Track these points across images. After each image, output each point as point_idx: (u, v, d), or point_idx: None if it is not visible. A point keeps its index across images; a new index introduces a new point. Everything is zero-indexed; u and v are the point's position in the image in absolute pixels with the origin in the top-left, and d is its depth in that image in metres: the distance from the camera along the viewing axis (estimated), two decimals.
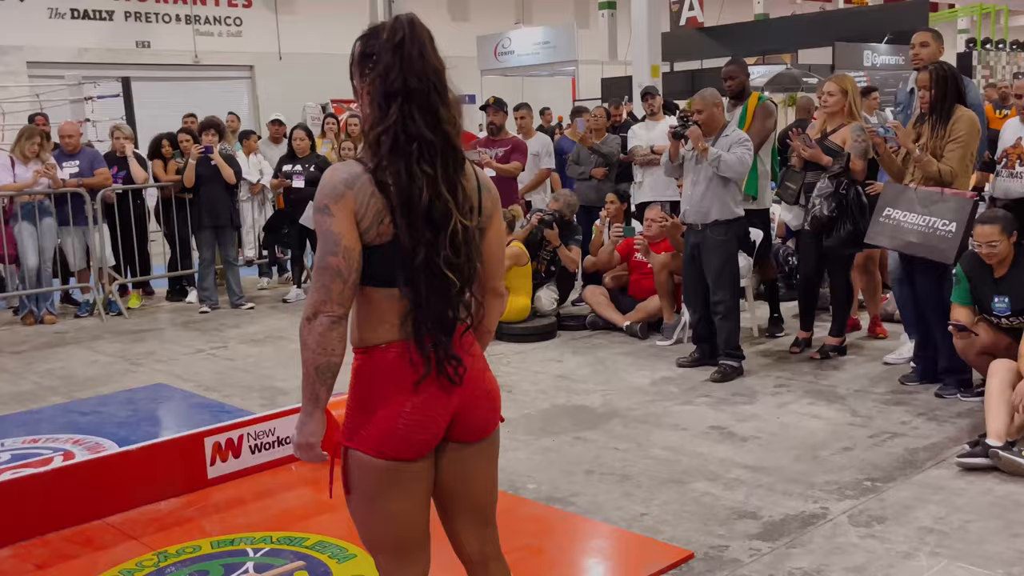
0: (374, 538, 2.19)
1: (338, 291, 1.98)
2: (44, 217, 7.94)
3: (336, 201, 1.97)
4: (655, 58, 13.64)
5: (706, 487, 4.00)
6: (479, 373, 2.17)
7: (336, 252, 1.97)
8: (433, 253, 1.99)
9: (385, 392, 2.06)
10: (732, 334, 5.70)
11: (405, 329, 2.04)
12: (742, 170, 5.53)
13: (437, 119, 2.01)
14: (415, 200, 1.97)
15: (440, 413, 2.09)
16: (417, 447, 2.08)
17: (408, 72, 1.99)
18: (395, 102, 1.98)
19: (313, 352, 2.00)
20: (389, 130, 1.98)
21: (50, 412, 5.45)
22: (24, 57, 18.45)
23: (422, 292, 2.01)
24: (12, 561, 3.51)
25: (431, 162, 1.99)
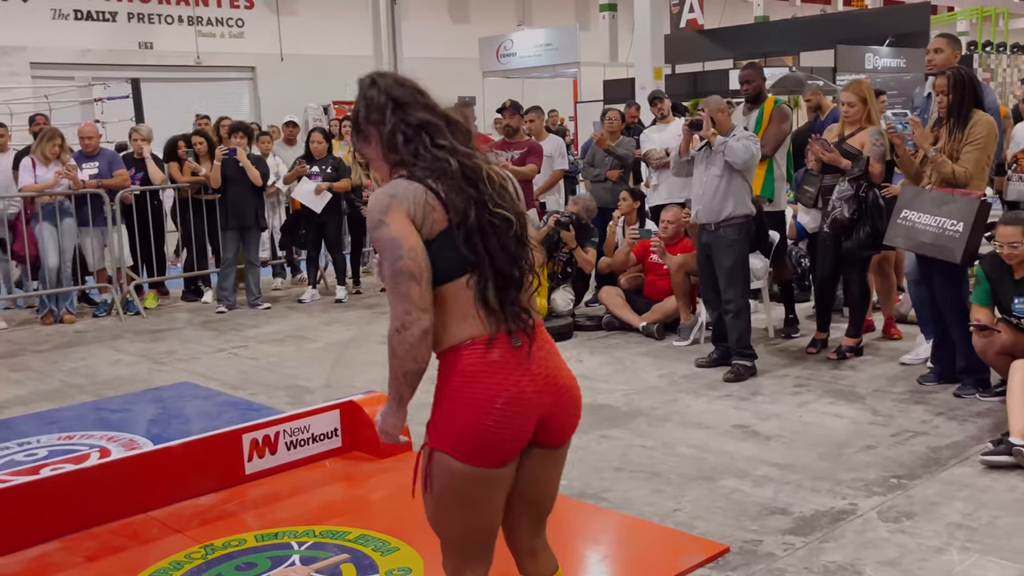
0: (449, 538, 2.25)
1: (417, 293, 2.03)
2: (64, 218, 8.02)
3: (386, 212, 2.06)
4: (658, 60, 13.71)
5: (735, 484, 4.09)
6: (559, 368, 2.20)
7: (402, 255, 2.03)
8: (481, 207, 2.09)
9: (474, 390, 2.08)
10: (743, 333, 5.79)
11: (485, 322, 2.09)
12: (747, 157, 5.60)
13: (430, 108, 2.19)
14: (447, 171, 2.09)
15: (529, 413, 2.12)
16: (504, 453, 2.11)
17: (388, 90, 2.19)
18: (387, 110, 2.17)
19: (402, 360, 2.08)
20: (394, 131, 2.15)
21: (80, 410, 5.53)
22: (27, 58, 18.48)
23: (482, 250, 2.07)
24: (62, 553, 3.59)
25: (443, 136, 2.15)
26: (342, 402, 4.64)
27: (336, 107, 19.62)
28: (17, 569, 3.46)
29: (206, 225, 8.70)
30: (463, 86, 20.51)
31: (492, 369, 2.09)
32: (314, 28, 21.47)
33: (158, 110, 16.64)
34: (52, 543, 3.64)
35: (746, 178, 5.75)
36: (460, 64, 21.34)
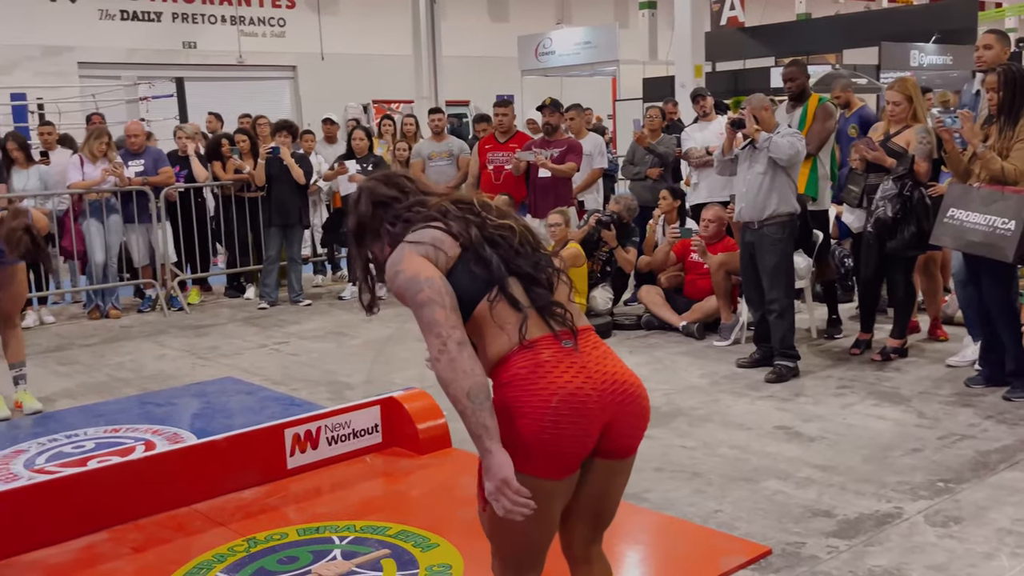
0: (504, 548, 2.22)
1: (443, 316, 2.02)
2: (111, 214, 8.15)
3: (400, 262, 2.13)
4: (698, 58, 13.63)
5: (778, 485, 4.05)
6: (620, 369, 2.13)
7: (422, 287, 2.06)
8: (481, 223, 2.16)
9: (527, 394, 2.02)
10: (787, 334, 5.73)
11: (525, 327, 2.07)
12: (792, 153, 5.54)
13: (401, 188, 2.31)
14: (444, 210, 2.19)
15: (590, 411, 2.03)
16: (565, 459, 2.05)
17: (363, 205, 2.30)
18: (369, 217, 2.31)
19: (456, 382, 1.98)
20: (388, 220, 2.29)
21: (126, 403, 5.62)
22: (75, 58, 18.80)
23: (498, 262, 2.11)
24: (109, 544, 3.65)
25: (425, 205, 2.25)
26: (382, 398, 4.66)
27: (376, 106, 19.75)
28: (66, 559, 3.52)
29: (248, 223, 8.80)
30: (501, 85, 20.55)
31: (544, 369, 2.03)
32: (354, 27, 21.61)
33: (201, 109, 16.86)
34: (99, 534, 3.70)
35: (790, 176, 5.69)
36: (498, 63, 21.36)
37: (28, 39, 18.01)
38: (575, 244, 7.01)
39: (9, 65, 17.77)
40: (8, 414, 5.34)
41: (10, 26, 17.71)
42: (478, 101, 18.29)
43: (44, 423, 5.24)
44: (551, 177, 7.52)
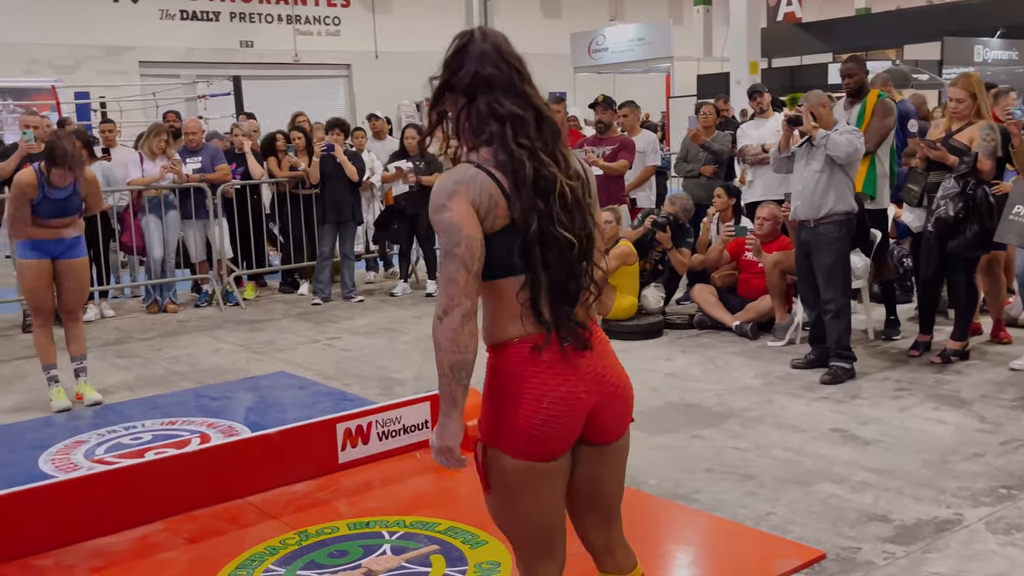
0: (514, 534, 2.24)
1: (464, 280, 2.00)
2: (169, 210, 8.31)
3: (450, 197, 2.02)
4: (754, 54, 13.48)
5: (832, 488, 3.98)
6: (610, 367, 2.17)
7: (459, 242, 2.00)
8: (546, 221, 2.03)
9: (521, 389, 2.07)
10: (843, 335, 5.62)
11: (535, 320, 2.06)
12: (850, 151, 5.43)
13: (525, 97, 2.08)
14: (520, 174, 2.02)
15: (578, 410, 2.10)
16: (554, 447, 2.10)
17: (485, 64, 2.06)
18: (481, 95, 2.06)
19: (447, 351, 2.02)
20: (481, 120, 2.06)
21: (182, 396, 5.72)
22: (136, 57, 19.22)
23: (539, 261, 2.03)
24: (165, 534, 3.72)
25: (527, 135, 2.05)
26: (433, 394, 4.67)
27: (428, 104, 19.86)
28: (123, 548, 3.60)
29: (303, 219, 8.91)
30: (554, 82, 20.51)
31: (540, 369, 2.07)
32: (408, 25, 21.76)
33: (257, 106, 17.11)
34: (155, 524, 3.78)
35: (848, 174, 5.58)
36: (551, 60, 21.30)
37: (91, 39, 18.47)
38: (627, 242, 6.96)
39: (73, 65, 18.25)
40: (69, 405, 5.47)
41: (74, 27, 18.18)
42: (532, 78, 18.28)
43: (104, 415, 5.36)
44: (603, 175, 7.47)
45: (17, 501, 3.54)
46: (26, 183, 5.24)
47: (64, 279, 5.43)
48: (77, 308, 5.63)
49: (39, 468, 4.45)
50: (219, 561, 3.45)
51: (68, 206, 5.41)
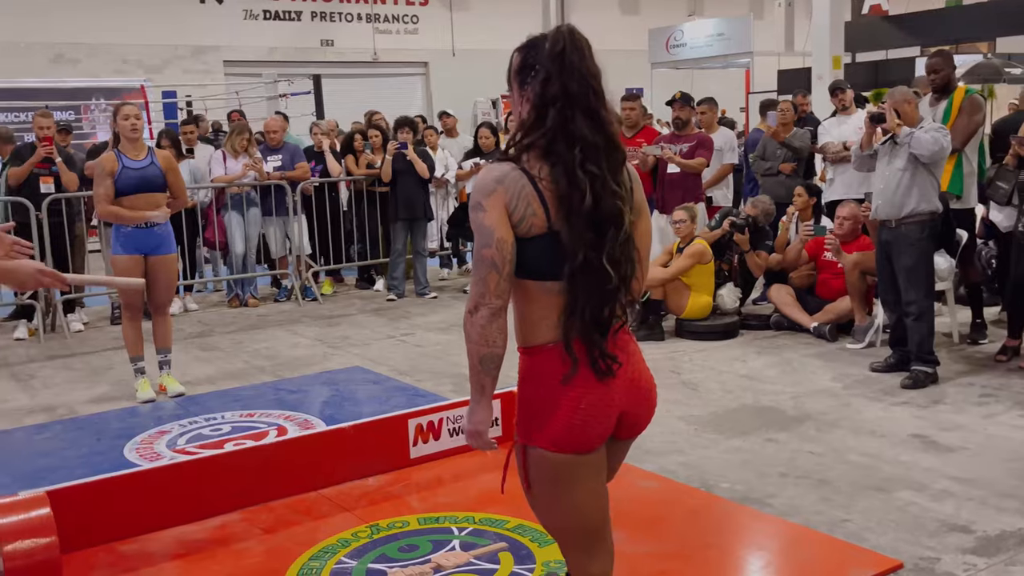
0: (559, 529, 2.28)
1: (495, 282, 2.05)
2: (250, 207, 8.52)
3: (488, 196, 2.04)
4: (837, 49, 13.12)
5: (911, 496, 3.87)
6: (641, 372, 2.24)
7: (490, 244, 2.03)
8: (595, 253, 2.03)
9: (557, 390, 2.10)
10: (925, 338, 5.47)
11: (555, 328, 2.10)
12: (936, 149, 5.27)
13: (599, 121, 2.06)
14: (576, 202, 2.01)
15: (612, 411, 2.16)
16: (592, 441, 2.15)
17: (568, 78, 2.04)
18: (555, 106, 2.03)
19: (476, 344, 2.09)
20: (548, 133, 2.04)
21: (261, 389, 5.86)
22: (221, 56, 19.70)
23: (579, 290, 2.05)
24: (242, 524, 3.82)
25: (596, 162, 2.03)
26: (503, 392, 4.67)
27: (504, 101, 19.91)
28: (202, 537, 3.71)
29: (379, 216, 9.04)
30: (631, 78, 20.33)
31: (574, 377, 2.10)
32: (485, 23, 21.84)
33: (336, 105, 17.42)
34: (233, 514, 3.88)
35: (933, 173, 5.42)
36: (628, 56, 21.12)
37: (178, 39, 19.00)
38: (702, 241, 6.88)
39: (161, 64, 18.81)
40: (153, 396, 5.65)
41: (162, 28, 18.73)
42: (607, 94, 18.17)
43: (186, 406, 5.53)
44: (680, 173, 7.40)
45: (103, 488, 3.68)
46: (105, 158, 5.52)
47: (155, 275, 5.55)
48: (166, 303, 5.77)
49: (124, 457, 4.62)
50: (293, 552, 3.52)
51: (148, 176, 5.51)
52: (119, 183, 5.44)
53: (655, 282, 6.77)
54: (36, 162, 7.44)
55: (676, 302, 6.89)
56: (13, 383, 6.26)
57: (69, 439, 4.96)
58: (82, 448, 4.79)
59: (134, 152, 5.51)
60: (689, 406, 5.25)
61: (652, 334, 6.85)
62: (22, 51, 17.09)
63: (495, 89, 19.86)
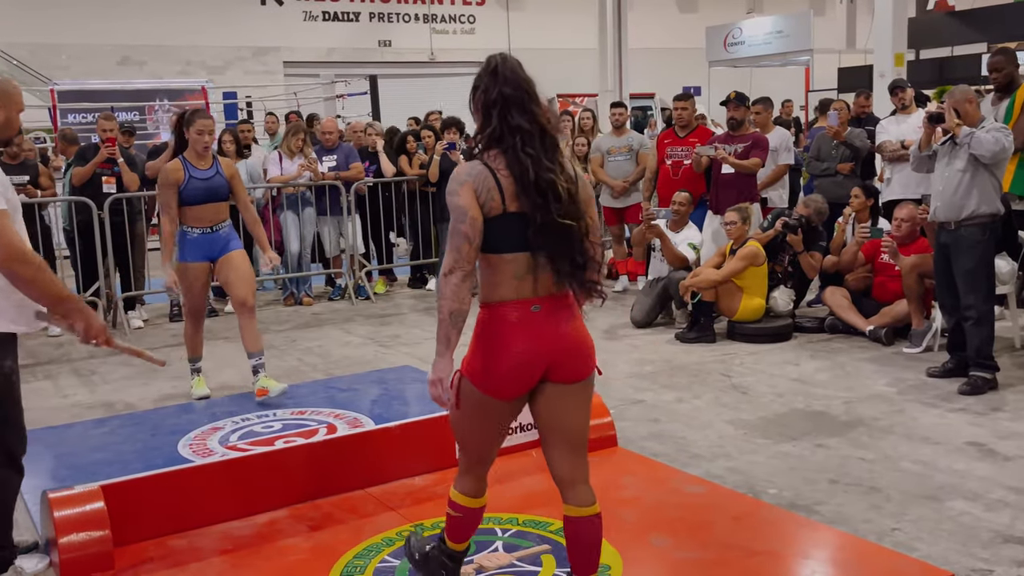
0: (462, 442, 2.94)
1: (466, 251, 2.60)
2: (305, 207, 8.64)
3: (461, 185, 2.62)
4: (900, 46, 12.82)
5: (965, 506, 3.78)
6: (576, 329, 2.74)
7: (464, 220, 2.60)
8: (546, 214, 2.59)
9: (498, 341, 2.65)
10: (984, 343, 5.33)
11: (518, 289, 2.65)
12: (997, 150, 5.13)
13: (532, 115, 2.63)
14: (524, 177, 2.59)
15: (537, 365, 2.67)
16: (508, 392, 2.71)
17: (503, 85, 2.63)
18: (495, 108, 2.62)
19: (449, 300, 2.62)
20: (494, 129, 2.63)
21: (312, 387, 5.94)
22: (281, 57, 20.02)
23: (547, 244, 2.61)
24: (289, 520, 3.88)
25: (532, 146, 2.60)
26: None
27: (560, 100, 19.89)
28: (249, 532, 3.77)
29: (432, 215, 9.10)
30: (688, 77, 20.18)
31: (512, 329, 2.65)
32: (541, 22, 21.84)
33: (393, 105, 17.57)
34: (281, 511, 3.94)
35: (994, 173, 5.28)
36: (685, 54, 20.99)
37: (240, 41, 19.37)
38: (755, 243, 6.80)
39: (223, 65, 19.19)
40: (208, 393, 5.73)
41: (224, 30, 19.11)
42: (663, 93, 18.06)
43: (239, 403, 5.62)
44: (733, 173, 7.32)
45: (156, 484, 3.77)
46: (170, 167, 5.41)
47: (227, 273, 5.45)
48: (248, 298, 5.48)
49: (178, 452, 4.72)
50: (338, 550, 3.57)
51: (214, 186, 5.43)
52: (185, 193, 5.37)
53: (707, 283, 6.71)
54: (99, 163, 7.65)
55: (728, 304, 6.81)
56: (75, 378, 6.45)
57: (125, 434, 5.09)
58: (137, 443, 4.91)
59: (201, 161, 5.44)
60: (738, 410, 5.19)
61: (703, 336, 6.79)
62: (90, 53, 17.58)
63: (551, 88, 19.64)
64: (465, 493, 2.96)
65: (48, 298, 3.17)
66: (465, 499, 2.96)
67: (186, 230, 5.48)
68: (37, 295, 3.16)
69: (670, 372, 6.04)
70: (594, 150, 8.96)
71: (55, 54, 17.36)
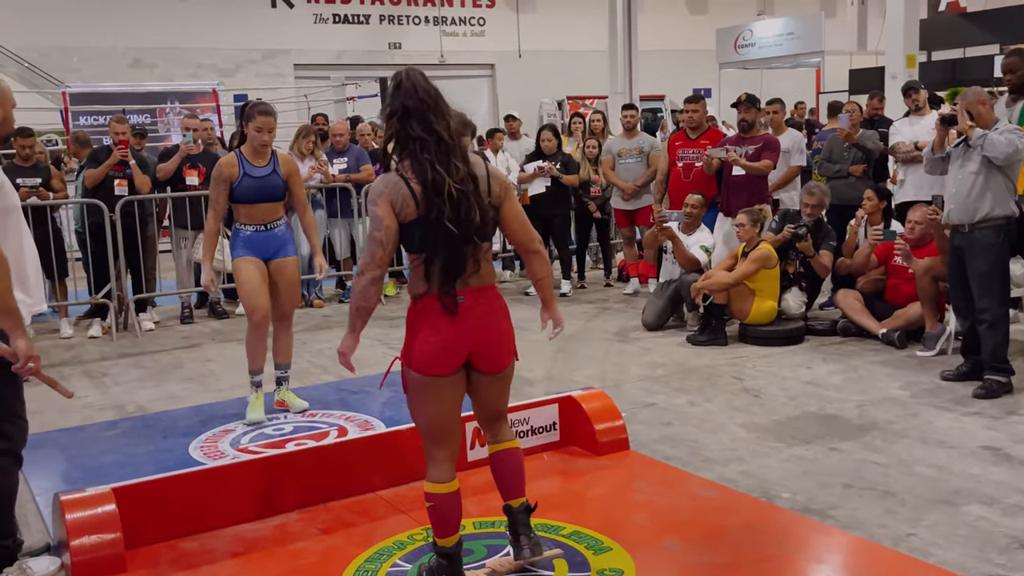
0: (420, 426, 3.17)
1: (379, 255, 2.94)
2: (316, 209, 8.64)
3: (379, 196, 2.94)
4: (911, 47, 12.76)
5: (981, 511, 3.75)
6: (494, 320, 3.07)
7: (380, 229, 2.92)
8: (439, 213, 2.87)
9: (425, 329, 2.99)
10: (999, 346, 5.29)
11: (434, 283, 2.94)
12: (1010, 152, 5.10)
13: (428, 123, 2.90)
14: (426, 180, 2.87)
15: (460, 346, 3.01)
16: (443, 367, 3.01)
17: (404, 98, 2.91)
18: (396, 117, 2.92)
19: (357, 297, 3.02)
20: (396, 136, 2.94)
21: (324, 389, 5.94)
22: (292, 60, 20.05)
23: (434, 244, 2.91)
24: (300, 524, 3.87)
25: (428, 151, 2.89)
26: (561, 396, 4.69)
27: (570, 102, 19.88)
28: (261, 536, 3.77)
29: None
30: (698, 78, 20.13)
31: (435, 317, 2.98)
32: (551, 24, 21.82)
33: None
34: (292, 514, 3.94)
35: (1008, 176, 5.24)
36: (696, 56, 20.94)
37: (251, 43, 19.41)
38: (767, 245, 6.77)
39: (234, 68, 19.23)
40: (263, 419, 5.22)
41: (235, 32, 19.15)
42: (673, 95, 18.02)
43: None
44: (744, 175, 7.29)
45: (167, 486, 3.77)
46: (225, 162, 5.06)
47: (275, 280, 5.15)
48: (289, 312, 5.30)
49: (189, 454, 4.72)
50: (350, 553, 3.56)
51: (269, 185, 5.10)
52: (237, 190, 5.03)
53: (719, 286, 6.69)
54: (112, 165, 7.67)
55: (740, 307, 6.78)
56: (87, 380, 6.46)
57: (137, 436, 5.10)
58: (149, 445, 4.91)
59: (258, 158, 5.09)
60: (751, 413, 5.16)
61: (715, 339, 6.76)
62: (102, 56, 17.65)
63: (561, 90, 19.81)
64: (434, 481, 3.14)
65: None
66: (435, 486, 3.14)
67: (239, 227, 5.14)
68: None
69: (682, 375, 6.02)
70: (605, 152, 8.94)
71: (67, 57, 17.43)
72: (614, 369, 6.27)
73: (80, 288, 8.37)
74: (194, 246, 8.17)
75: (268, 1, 19.91)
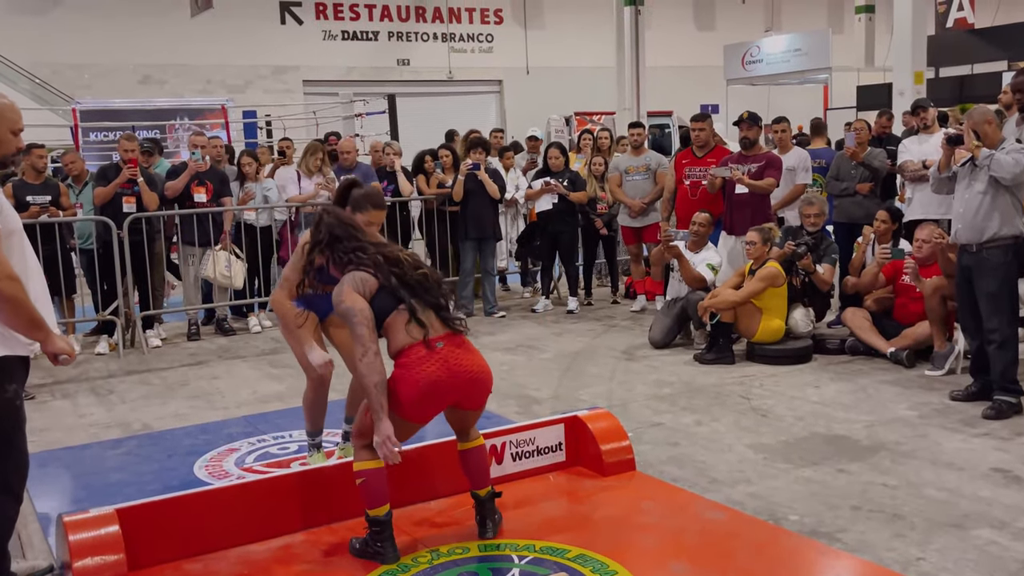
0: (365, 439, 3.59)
1: (368, 335, 3.38)
2: None
3: (341, 294, 3.45)
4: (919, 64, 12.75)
5: (991, 535, 3.71)
6: (477, 361, 3.55)
7: (356, 315, 3.39)
8: (401, 273, 3.50)
9: (410, 372, 3.41)
10: (1008, 366, 5.26)
11: (413, 333, 3.44)
12: (1018, 171, 5.08)
13: (353, 236, 3.60)
14: (378, 263, 3.50)
15: (443, 395, 3.48)
16: (423, 417, 3.55)
17: (329, 229, 3.62)
18: (325, 243, 3.62)
19: (370, 374, 3.34)
20: (338, 257, 3.59)
21: (329, 408, 5.88)
22: (300, 76, 20.17)
23: (408, 296, 3.46)
24: (304, 545, 3.84)
25: (366, 251, 3.54)
26: (567, 416, 4.66)
27: (578, 118, 19.91)
28: (265, 557, 3.74)
29: (449, 235, 9.09)
30: (706, 94, 20.17)
31: (417, 364, 3.41)
32: (559, 41, 21.91)
33: (411, 123, 17.64)
34: (297, 535, 3.91)
35: (1016, 195, 5.22)
36: (703, 72, 21.00)
37: (260, 60, 19.54)
38: (774, 263, 6.75)
39: (244, 84, 19.34)
40: None
41: (244, 49, 19.28)
42: (681, 111, 18.04)
43: (255, 424, 5.62)
44: (747, 193, 7.28)
45: (171, 507, 3.74)
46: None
47: (333, 336, 4.80)
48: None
49: (194, 474, 4.71)
50: (354, 575, 3.53)
51: None
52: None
53: (726, 304, 6.67)
54: (121, 183, 7.69)
55: (747, 325, 6.76)
56: (93, 397, 6.46)
57: (142, 455, 5.09)
58: (154, 464, 4.91)
59: None
60: (758, 434, 5.13)
61: (722, 357, 6.73)
62: (112, 73, 17.77)
63: (568, 106, 19.87)
64: (363, 460, 3.54)
65: (25, 321, 3.09)
66: (363, 464, 3.54)
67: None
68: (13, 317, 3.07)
69: (689, 394, 5.99)
70: (612, 169, 8.94)
71: (78, 73, 17.56)
72: (621, 387, 6.24)
73: (87, 304, 8.39)
74: (202, 263, 8.19)
75: (277, 18, 20.05)
